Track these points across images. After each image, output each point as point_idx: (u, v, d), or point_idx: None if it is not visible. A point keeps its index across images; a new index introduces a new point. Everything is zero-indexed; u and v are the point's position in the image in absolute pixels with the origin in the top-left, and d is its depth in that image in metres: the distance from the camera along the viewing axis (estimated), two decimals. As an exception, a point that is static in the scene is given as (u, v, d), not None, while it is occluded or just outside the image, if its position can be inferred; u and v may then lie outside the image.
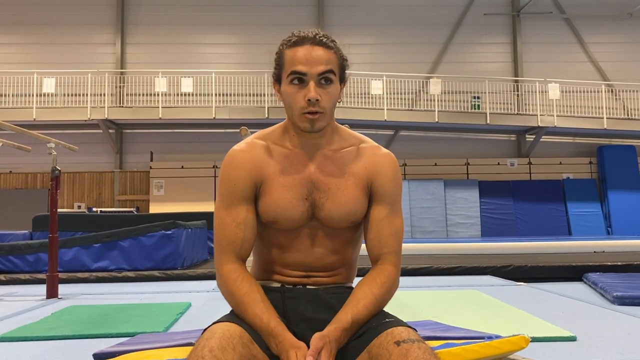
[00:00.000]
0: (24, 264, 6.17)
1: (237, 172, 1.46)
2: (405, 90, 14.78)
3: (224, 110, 13.93)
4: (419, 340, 1.25)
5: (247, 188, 1.46)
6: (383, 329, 1.31)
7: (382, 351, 1.25)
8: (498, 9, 15.99)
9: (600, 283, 4.55)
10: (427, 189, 14.49)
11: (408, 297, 4.20)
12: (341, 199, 1.47)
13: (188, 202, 13.73)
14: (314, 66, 1.38)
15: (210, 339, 1.24)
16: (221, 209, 1.47)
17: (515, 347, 1.61)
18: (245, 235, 1.45)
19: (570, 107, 14.75)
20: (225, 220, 1.45)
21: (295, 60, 1.39)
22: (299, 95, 1.40)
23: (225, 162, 1.50)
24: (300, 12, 15.51)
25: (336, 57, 1.44)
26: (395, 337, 1.26)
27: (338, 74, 1.44)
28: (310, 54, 1.39)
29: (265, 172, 1.47)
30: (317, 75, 1.39)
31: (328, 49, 1.42)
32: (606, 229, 14.48)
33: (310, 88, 1.38)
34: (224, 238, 1.45)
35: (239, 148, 1.51)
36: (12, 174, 14.59)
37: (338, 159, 1.50)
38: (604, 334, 2.78)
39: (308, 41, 1.41)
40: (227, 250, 1.44)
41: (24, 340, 2.83)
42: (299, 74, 1.39)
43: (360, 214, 1.49)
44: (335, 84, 1.43)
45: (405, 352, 1.21)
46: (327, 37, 1.44)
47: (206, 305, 3.93)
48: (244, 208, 1.45)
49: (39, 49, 15.07)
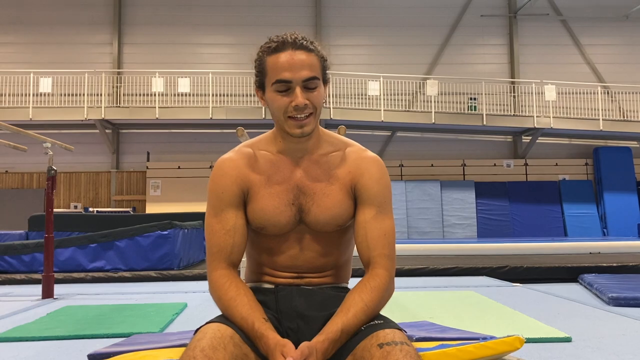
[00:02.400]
0: (19, 264, 6.15)
1: (224, 180, 1.48)
2: (402, 92, 14.80)
3: (221, 110, 13.92)
4: (403, 343, 1.25)
5: (235, 195, 1.48)
6: (368, 333, 1.31)
7: (365, 354, 1.26)
8: (495, 11, 16.03)
9: (595, 284, 4.56)
10: (423, 189, 14.52)
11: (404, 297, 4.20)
12: (326, 203, 1.48)
13: (184, 203, 13.72)
14: (298, 71, 1.38)
15: (201, 339, 1.26)
16: (211, 216, 1.49)
17: (510, 347, 1.62)
18: (234, 241, 1.46)
19: (566, 108, 14.80)
20: (215, 227, 1.47)
21: (278, 67, 1.39)
22: (285, 101, 1.40)
23: (213, 172, 1.52)
24: (298, 13, 15.52)
25: (318, 59, 1.43)
26: (380, 340, 1.26)
27: (321, 76, 1.43)
28: (293, 59, 1.38)
29: (251, 179, 1.49)
30: (302, 81, 1.39)
31: (309, 52, 1.41)
32: (602, 230, 14.52)
33: (297, 94, 1.39)
34: (214, 245, 1.47)
35: (226, 157, 1.53)
36: (8, 173, 14.56)
37: (324, 163, 1.51)
38: (599, 334, 2.79)
39: (289, 46, 1.39)
40: (217, 257, 1.46)
41: (20, 341, 2.82)
42: (284, 81, 1.39)
43: (346, 217, 1.50)
44: (320, 88, 1.43)
45: (386, 354, 1.21)
46: (306, 40, 1.42)
47: (202, 306, 3.93)
48: (232, 215, 1.47)
49: (36, 49, 15.03)
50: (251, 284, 1.56)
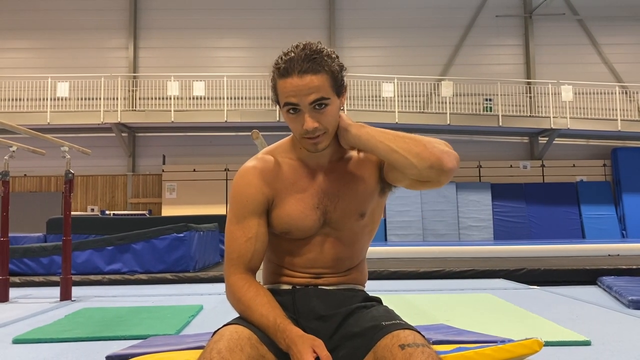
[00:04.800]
0: (38, 266, 6.22)
1: (249, 189, 1.49)
2: (417, 93, 14.74)
3: (236, 113, 13.98)
4: (424, 345, 1.25)
5: (259, 204, 1.49)
6: (389, 330, 1.31)
7: (387, 353, 1.26)
8: (510, 11, 15.92)
9: (614, 287, 4.50)
10: (439, 191, 14.42)
11: (420, 300, 4.18)
12: (350, 195, 1.50)
13: (200, 205, 13.79)
14: (305, 97, 1.37)
15: (218, 341, 1.27)
16: (232, 223, 1.49)
17: (528, 350, 1.60)
18: (255, 248, 1.48)
19: (583, 109, 14.63)
20: (236, 234, 1.48)
21: (285, 92, 1.39)
22: (297, 123, 1.42)
23: (237, 179, 1.52)
24: (312, 15, 15.54)
25: (327, 76, 1.39)
26: (401, 340, 1.26)
27: (333, 91, 1.41)
28: (299, 84, 1.37)
29: (276, 186, 1.50)
30: (309, 105, 1.38)
31: (317, 73, 1.38)
32: (621, 232, 14.33)
33: (306, 119, 1.39)
34: (234, 251, 1.48)
35: (250, 165, 1.54)
36: (27, 177, 14.75)
37: (345, 161, 1.53)
38: (619, 338, 2.75)
39: (296, 69, 1.37)
40: (236, 262, 1.47)
41: (38, 342, 2.85)
42: (292, 105, 1.40)
43: (369, 202, 1.52)
44: (331, 104, 1.41)
45: (408, 356, 1.22)
46: (315, 55, 1.38)
47: (218, 308, 3.94)
48: (255, 222, 1.48)
49: (53, 54, 15.23)
50: (268, 286, 1.56)
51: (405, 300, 4.16)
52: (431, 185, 1.42)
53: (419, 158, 1.36)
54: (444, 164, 1.36)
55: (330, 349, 1.34)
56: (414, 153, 1.37)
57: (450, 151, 1.40)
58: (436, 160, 1.36)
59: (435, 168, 1.36)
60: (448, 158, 1.37)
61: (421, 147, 1.37)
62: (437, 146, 1.38)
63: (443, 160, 1.36)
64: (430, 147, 1.37)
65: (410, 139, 1.40)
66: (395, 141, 1.40)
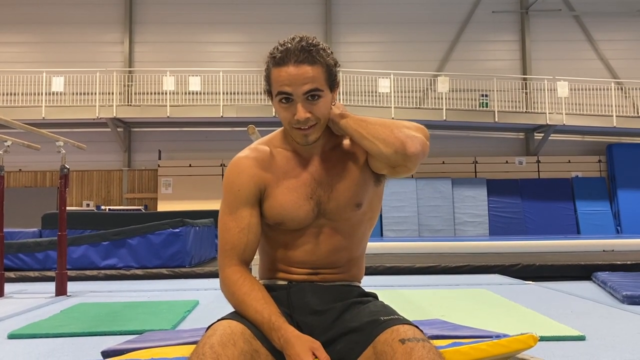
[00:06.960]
0: (33, 261, 6.21)
1: (240, 178, 1.49)
2: (413, 89, 14.73)
3: (232, 108, 13.95)
4: (424, 340, 1.25)
5: (251, 194, 1.48)
6: (388, 325, 1.31)
7: (387, 348, 1.26)
8: (506, 7, 15.91)
9: (609, 282, 4.52)
10: (434, 187, 14.46)
11: (416, 295, 4.19)
12: (345, 185, 1.49)
13: (196, 200, 13.76)
14: (299, 86, 1.38)
15: (211, 336, 1.27)
16: (225, 214, 1.49)
17: (523, 345, 1.61)
18: (248, 239, 1.47)
19: (579, 105, 14.65)
20: (229, 225, 1.47)
21: (280, 80, 1.39)
22: (288, 113, 1.42)
23: (229, 169, 1.52)
24: (308, 10, 15.49)
25: (322, 69, 1.40)
26: (401, 335, 1.26)
27: (327, 85, 1.42)
28: (295, 73, 1.37)
29: (268, 176, 1.49)
30: (302, 95, 1.39)
31: (313, 64, 1.39)
32: (615, 227, 14.38)
33: (298, 108, 1.39)
34: (227, 243, 1.47)
35: (242, 155, 1.53)
36: (22, 172, 14.69)
37: (338, 151, 1.53)
38: (613, 333, 2.76)
39: (292, 59, 1.37)
40: (230, 254, 1.46)
41: (33, 338, 2.85)
42: (285, 94, 1.39)
43: (364, 193, 1.50)
44: (324, 97, 1.42)
45: (409, 350, 1.21)
46: (312, 47, 1.39)
47: (214, 303, 3.94)
48: (247, 213, 1.47)
49: (48, 48, 15.15)
50: (264, 281, 1.56)
51: (401, 295, 4.17)
52: (402, 170, 1.42)
53: (385, 143, 1.38)
54: (407, 148, 1.36)
55: (326, 343, 1.34)
56: (380, 139, 1.38)
57: (416, 135, 1.38)
58: (400, 144, 1.36)
59: (399, 153, 1.36)
60: (411, 142, 1.36)
61: (388, 132, 1.38)
62: (404, 131, 1.38)
63: (407, 144, 1.36)
64: (396, 132, 1.37)
65: (380, 125, 1.40)
66: (367, 128, 1.41)
